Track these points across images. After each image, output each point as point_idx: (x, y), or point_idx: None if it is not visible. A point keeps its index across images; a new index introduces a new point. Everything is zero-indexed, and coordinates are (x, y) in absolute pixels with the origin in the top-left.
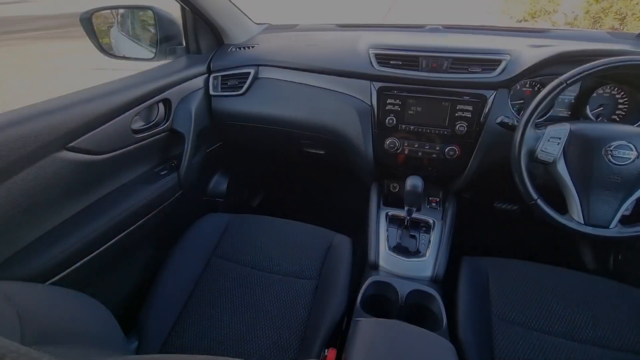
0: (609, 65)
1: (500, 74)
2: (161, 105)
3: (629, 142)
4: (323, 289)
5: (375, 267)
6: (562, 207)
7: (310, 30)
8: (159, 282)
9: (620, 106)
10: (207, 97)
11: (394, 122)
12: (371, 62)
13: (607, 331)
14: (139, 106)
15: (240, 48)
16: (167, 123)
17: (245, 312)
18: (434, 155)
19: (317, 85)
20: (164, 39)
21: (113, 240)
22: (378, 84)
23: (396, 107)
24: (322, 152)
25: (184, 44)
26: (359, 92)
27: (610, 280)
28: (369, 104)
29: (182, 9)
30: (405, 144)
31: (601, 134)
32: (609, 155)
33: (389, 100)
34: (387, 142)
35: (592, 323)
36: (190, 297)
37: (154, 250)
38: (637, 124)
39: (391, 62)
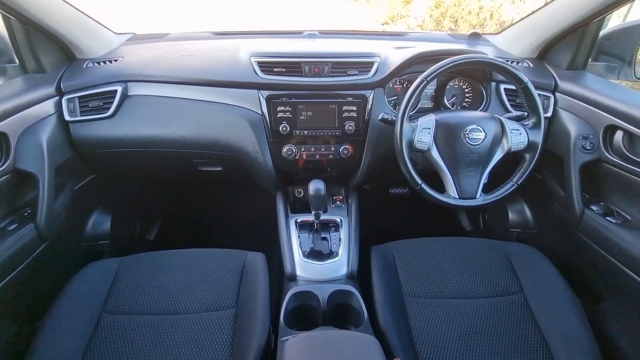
0: (454, 63)
1: (374, 75)
2: None
3: (479, 125)
4: (243, 315)
5: (293, 278)
6: (440, 186)
7: (183, 40)
8: None
9: (467, 95)
10: (63, 124)
11: (288, 129)
12: (255, 71)
13: (486, 283)
14: None
15: (99, 63)
16: (8, 163)
17: None
18: (331, 156)
19: (201, 98)
20: None
21: None
22: (266, 93)
23: (287, 114)
24: (219, 168)
25: (17, 62)
26: (248, 102)
27: (483, 238)
28: (260, 113)
29: (5, 19)
30: (302, 149)
31: (458, 121)
32: (466, 138)
33: (279, 108)
34: (285, 150)
35: (476, 279)
36: None
37: (17, 327)
38: (480, 109)
39: (275, 69)
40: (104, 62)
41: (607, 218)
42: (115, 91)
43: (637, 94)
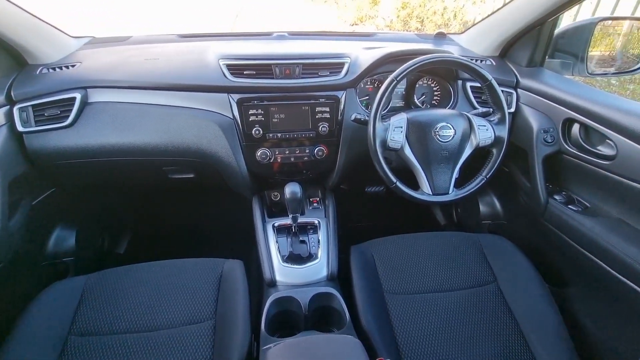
0: (422, 63)
1: (345, 75)
2: None
3: (448, 123)
4: (223, 326)
5: (272, 284)
6: (415, 183)
7: (147, 43)
8: None
9: (435, 93)
10: (16, 135)
11: (261, 132)
12: (224, 74)
13: (462, 275)
14: None
15: (54, 68)
16: None
17: None
18: (306, 158)
19: (168, 104)
20: None
21: None
22: (236, 96)
23: (260, 117)
24: (191, 175)
25: None
26: (218, 106)
27: (457, 232)
28: (231, 117)
29: None
30: (277, 152)
31: (428, 119)
32: (437, 136)
33: (251, 111)
34: (259, 154)
35: (452, 272)
36: None
37: None
38: (448, 106)
39: (245, 72)
40: (60, 68)
41: (569, 206)
42: (74, 98)
43: (590, 89)
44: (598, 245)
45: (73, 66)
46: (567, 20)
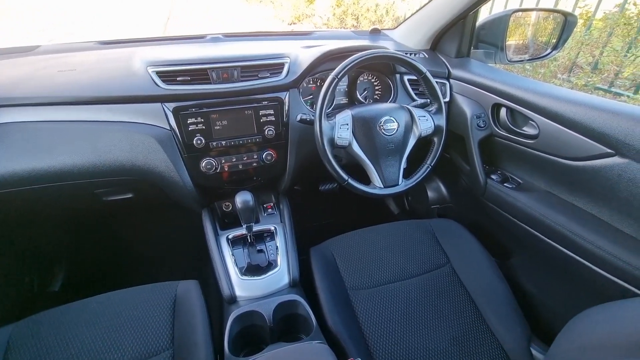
0: (361, 59)
1: (286, 75)
2: None
3: (391, 116)
4: (182, 354)
5: (232, 300)
6: (365, 178)
7: (60, 52)
8: None
9: (376, 88)
10: None
11: (203, 141)
12: (155, 82)
13: (419, 262)
14: None
15: None
16: None
17: None
18: (255, 164)
19: (93, 119)
20: None
21: None
22: (171, 105)
23: (200, 126)
24: (129, 195)
25: None
26: (152, 117)
27: (410, 220)
28: (168, 127)
29: None
30: (223, 161)
31: (372, 114)
32: (382, 130)
33: (189, 120)
34: (203, 164)
35: (409, 260)
36: None
37: None
38: (390, 100)
39: (178, 78)
40: None
41: (505, 184)
42: None
43: (512, 75)
44: (532, 217)
45: None
46: (485, 13)
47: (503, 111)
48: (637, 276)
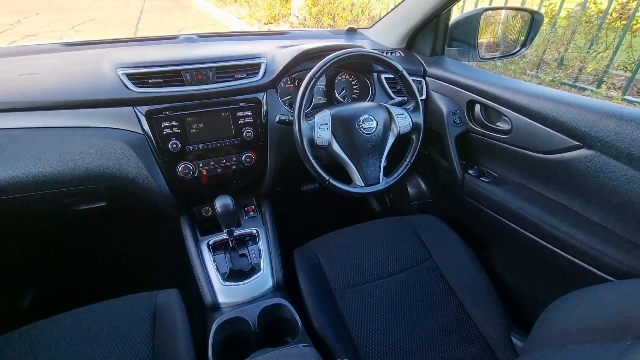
0: (338, 58)
1: (263, 76)
2: None
3: (370, 115)
4: None
5: (215, 307)
6: (347, 178)
7: (19, 55)
8: None
9: (354, 87)
10: None
11: (179, 145)
12: (125, 85)
13: (401, 258)
14: None
15: None
16: None
17: None
18: (234, 167)
19: (60, 125)
20: None
21: None
22: (144, 108)
23: (175, 129)
24: (102, 204)
25: None
26: (123, 122)
27: (392, 217)
28: (141, 132)
29: None
30: (201, 165)
31: (351, 113)
32: (361, 128)
33: (164, 124)
34: (180, 169)
35: (393, 257)
36: None
37: None
38: (368, 99)
39: (150, 80)
40: None
41: (482, 178)
42: None
43: (485, 73)
44: (508, 210)
45: None
46: (456, 12)
47: (477, 107)
48: (607, 262)
